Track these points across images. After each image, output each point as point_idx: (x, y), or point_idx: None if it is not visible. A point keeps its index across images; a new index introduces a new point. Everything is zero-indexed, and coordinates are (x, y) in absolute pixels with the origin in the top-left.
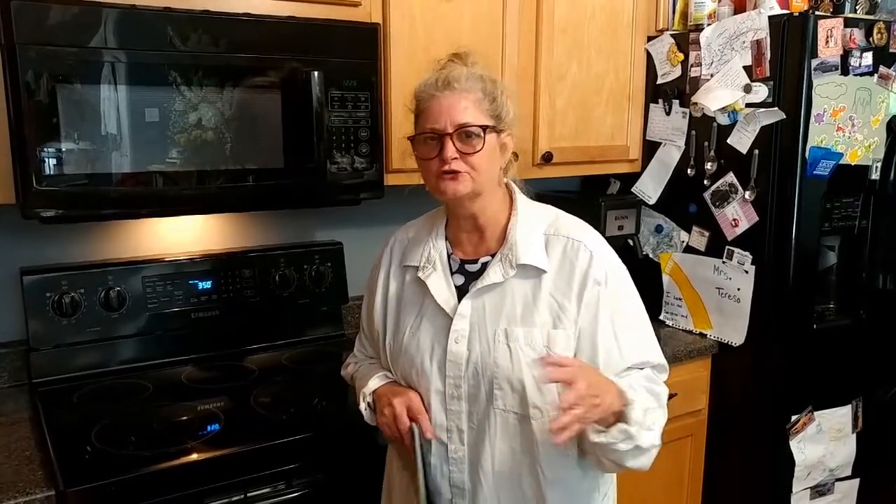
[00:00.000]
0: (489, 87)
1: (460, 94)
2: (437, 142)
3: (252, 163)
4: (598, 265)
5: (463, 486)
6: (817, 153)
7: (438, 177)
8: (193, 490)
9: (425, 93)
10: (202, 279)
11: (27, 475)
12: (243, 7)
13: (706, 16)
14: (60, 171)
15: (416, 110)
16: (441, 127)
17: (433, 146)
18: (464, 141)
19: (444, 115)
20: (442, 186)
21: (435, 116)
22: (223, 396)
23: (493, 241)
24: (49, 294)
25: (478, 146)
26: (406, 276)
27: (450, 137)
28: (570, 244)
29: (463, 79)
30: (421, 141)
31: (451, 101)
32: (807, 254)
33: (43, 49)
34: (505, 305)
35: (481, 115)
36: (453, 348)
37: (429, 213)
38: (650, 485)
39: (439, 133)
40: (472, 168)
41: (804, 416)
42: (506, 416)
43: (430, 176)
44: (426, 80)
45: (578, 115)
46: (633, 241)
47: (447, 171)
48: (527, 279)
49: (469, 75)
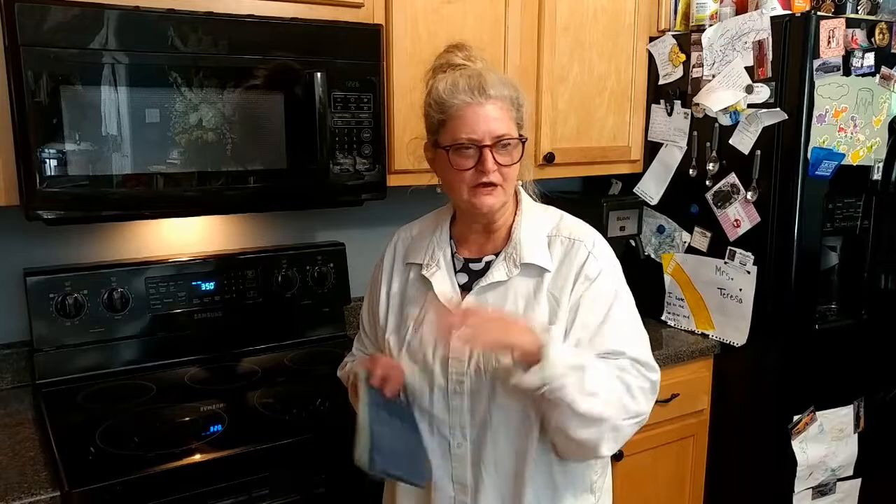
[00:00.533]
0: (514, 93)
1: (494, 101)
2: (475, 152)
3: (254, 164)
4: (592, 263)
5: (465, 483)
6: (819, 154)
7: (473, 189)
8: (197, 491)
9: (458, 99)
10: (205, 280)
11: (32, 476)
12: (246, 8)
13: (708, 16)
14: (63, 173)
15: (443, 115)
16: (479, 137)
17: (469, 157)
18: (500, 152)
19: (481, 125)
20: (478, 201)
21: (472, 126)
22: (226, 397)
23: (498, 240)
24: (52, 295)
25: (515, 157)
26: (409, 274)
27: (490, 149)
28: (571, 244)
29: (498, 85)
30: (456, 150)
31: (487, 109)
32: (809, 254)
33: (46, 51)
34: (507, 303)
35: (512, 125)
36: (455, 345)
37: (433, 212)
38: (652, 485)
39: (477, 144)
40: (505, 179)
41: (806, 416)
42: (508, 412)
43: (462, 187)
44: (455, 83)
45: (580, 116)
46: (634, 241)
47: (485, 184)
48: (530, 278)
49: (502, 81)
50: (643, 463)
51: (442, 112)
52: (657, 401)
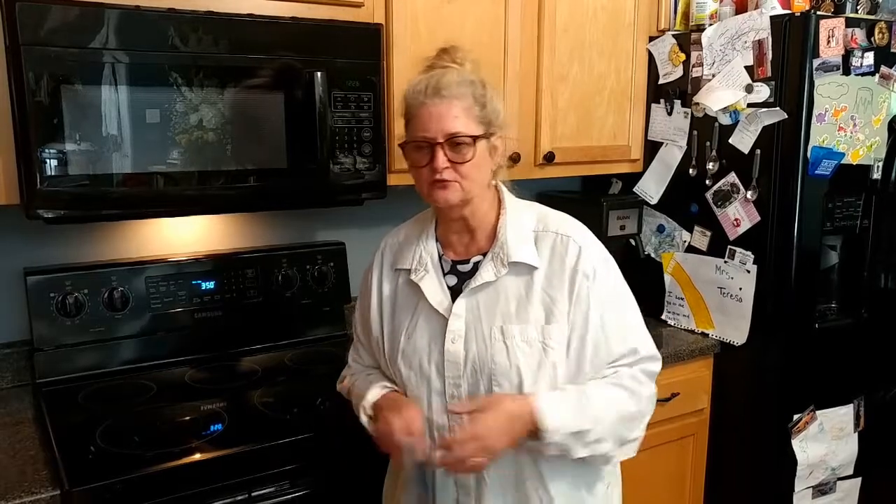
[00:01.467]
0: (479, 91)
1: (450, 101)
2: (428, 150)
3: (254, 163)
4: (586, 259)
5: (468, 484)
6: (819, 153)
7: (430, 185)
8: (197, 490)
9: (415, 99)
10: (205, 279)
11: (32, 475)
12: (247, 8)
13: (707, 16)
14: (63, 172)
15: (407, 115)
16: (431, 136)
17: (424, 154)
18: (454, 150)
19: (433, 124)
20: (434, 195)
21: (425, 124)
22: (226, 396)
23: (483, 240)
24: (53, 294)
25: (468, 156)
26: (399, 280)
27: (440, 147)
28: (560, 239)
29: (454, 85)
30: (412, 148)
31: (440, 109)
32: (808, 253)
33: (46, 50)
34: (499, 303)
35: (472, 123)
36: (450, 348)
37: (417, 216)
38: (652, 484)
39: (430, 142)
40: (463, 177)
41: (806, 415)
42: None
43: (421, 183)
44: (415, 84)
45: (580, 116)
46: (634, 240)
47: (438, 181)
48: (519, 276)
49: (459, 81)
50: (643, 462)
51: (406, 112)
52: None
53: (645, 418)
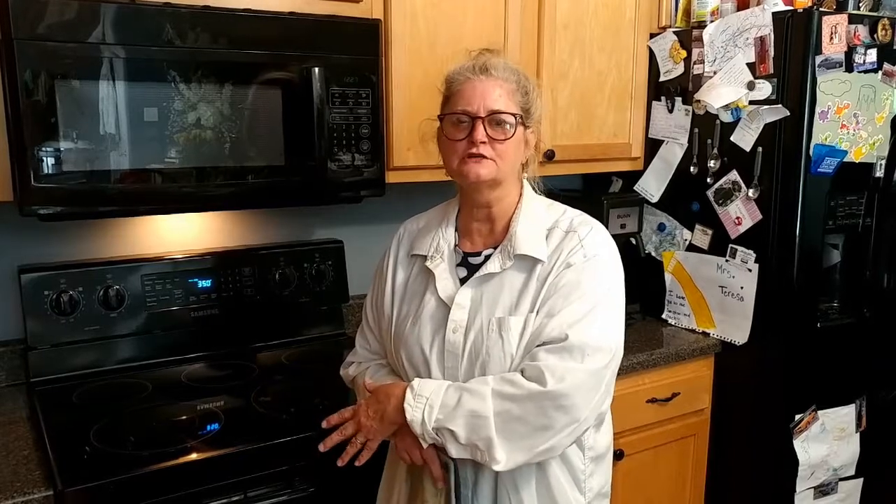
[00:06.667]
0: (523, 80)
1: (496, 81)
2: (468, 124)
3: (252, 160)
4: (578, 251)
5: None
6: (821, 151)
7: (463, 159)
8: (193, 490)
9: (461, 75)
10: (202, 277)
11: (25, 475)
12: (244, 3)
13: (709, 13)
14: (59, 169)
15: (448, 92)
16: (474, 110)
17: (463, 128)
18: (494, 127)
19: (477, 99)
20: (465, 169)
21: (468, 99)
22: (223, 395)
23: (499, 233)
24: (47, 292)
25: (509, 133)
26: (413, 266)
27: (482, 121)
28: (567, 235)
29: (501, 68)
30: (451, 122)
31: (486, 86)
32: (810, 252)
33: (41, 45)
34: (501, 296)
35: (513, 105)
36: (451, 338)
37: (440, 205)
38: (653, 484)
39: (471, 115)
40: (499, 155)
41: (808, 415)
42: None
43: (453, 157)
44: (462, 64)
45: (580, 113)
46: (635, 239)
47: (473, 154)
48: (523, 269)
49: (507, 66)
50: (644, 462)
51: (448, 89)
52: (658, 400)
53: (548, 417)
